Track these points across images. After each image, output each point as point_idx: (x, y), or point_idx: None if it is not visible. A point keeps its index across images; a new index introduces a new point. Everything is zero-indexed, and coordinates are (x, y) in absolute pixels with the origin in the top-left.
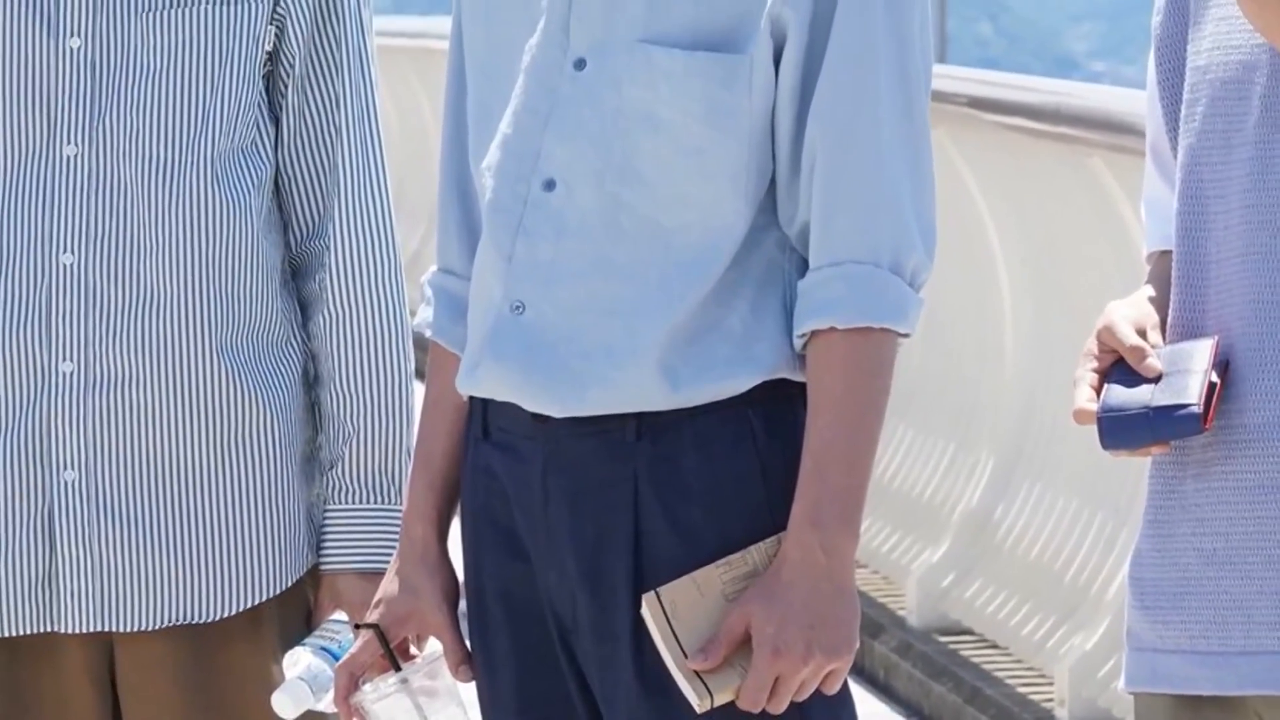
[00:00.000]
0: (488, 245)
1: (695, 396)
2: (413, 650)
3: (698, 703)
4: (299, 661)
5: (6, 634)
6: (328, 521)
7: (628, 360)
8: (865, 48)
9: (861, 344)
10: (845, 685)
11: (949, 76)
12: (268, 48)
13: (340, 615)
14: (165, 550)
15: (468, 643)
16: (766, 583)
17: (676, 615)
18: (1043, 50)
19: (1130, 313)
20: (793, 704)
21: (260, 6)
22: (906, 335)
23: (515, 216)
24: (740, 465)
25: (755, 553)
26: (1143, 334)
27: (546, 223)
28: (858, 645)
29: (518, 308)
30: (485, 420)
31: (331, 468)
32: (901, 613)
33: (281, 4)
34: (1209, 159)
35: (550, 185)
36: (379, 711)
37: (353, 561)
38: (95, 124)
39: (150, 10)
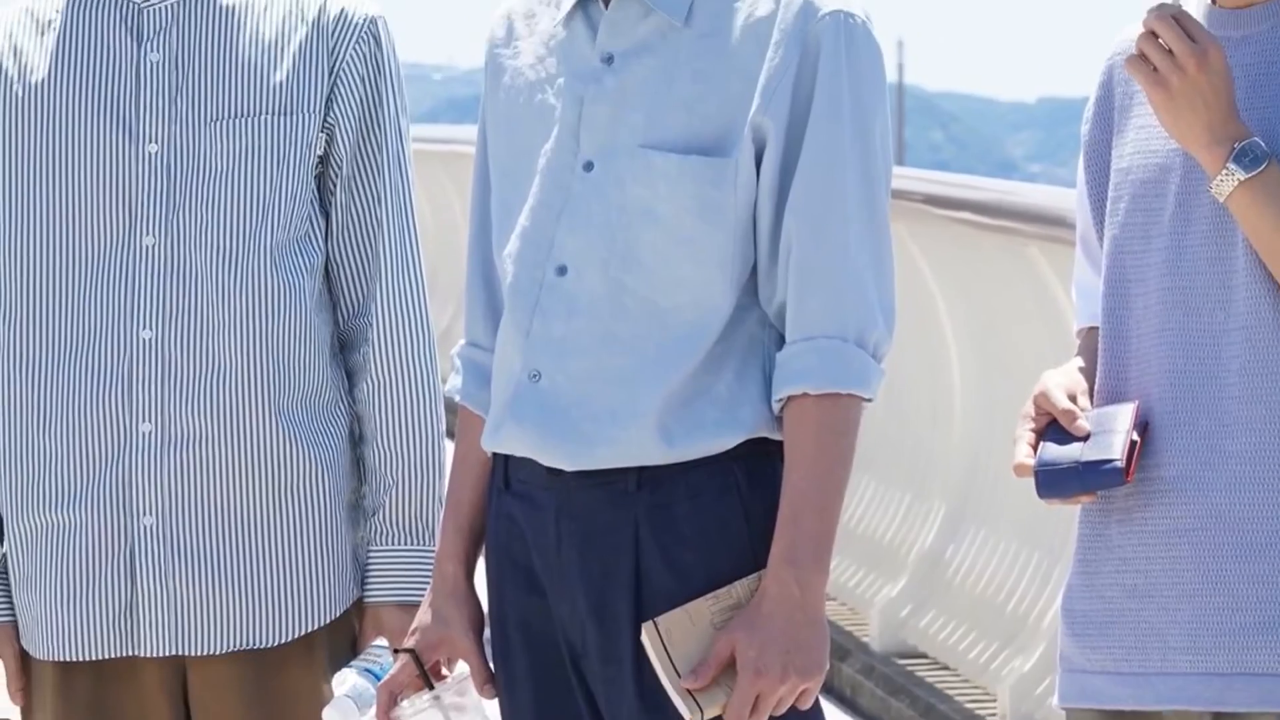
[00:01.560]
0: (509, 322)
1: (688, 453)
2: (444, 671)
3: (689, 717)
4: (346, 681)
5: (93, 657)
6: (370, 560)
7: (629, 422)
8: (834, 153)
9: (831, 407)
10: (817, 702)
11: (906, 177)
12: (319, 153)
13: (381, 641)
14: (231, 585)
15: (491, 665)
16: (749, 614)
17: (672, 642)
18: (987, 155)
19: (1062, 380)
20: (771, 718)
21: (313, 118)
22: (870, 400)
23: (532, 298)
24: (726, 512)
25: (739, 587)
26: (1073, 399)
27: (559, 303)
28: (828, 667)
29: (535, 376)
30: (507, 473)
31: (374, 514)
32: (865, 639)
33: (331, 115)
34: (1130, 248)
35: (563, 271)
36: None
37: (392, 595)
38: (171, 218)
39: (218, 120)
